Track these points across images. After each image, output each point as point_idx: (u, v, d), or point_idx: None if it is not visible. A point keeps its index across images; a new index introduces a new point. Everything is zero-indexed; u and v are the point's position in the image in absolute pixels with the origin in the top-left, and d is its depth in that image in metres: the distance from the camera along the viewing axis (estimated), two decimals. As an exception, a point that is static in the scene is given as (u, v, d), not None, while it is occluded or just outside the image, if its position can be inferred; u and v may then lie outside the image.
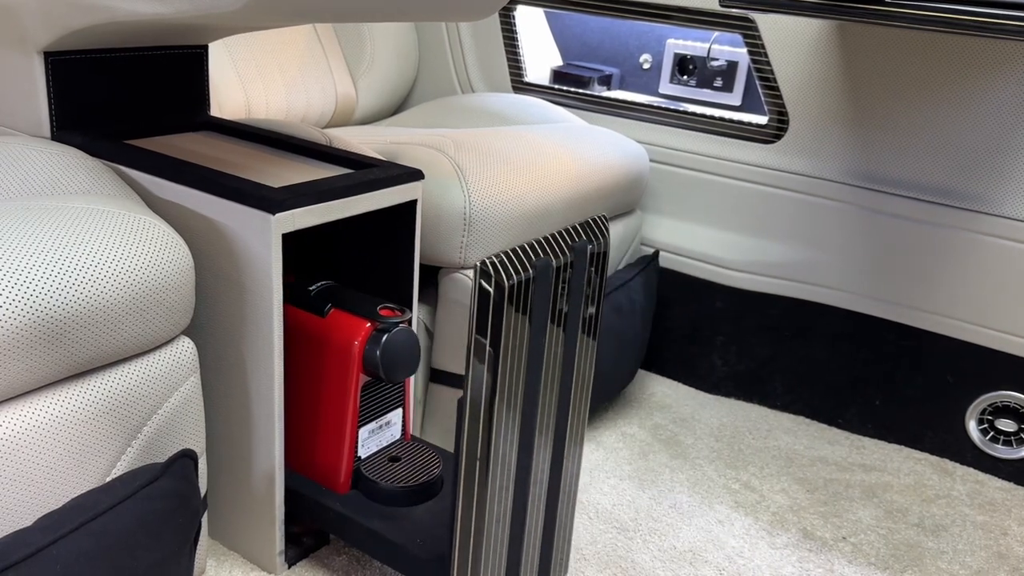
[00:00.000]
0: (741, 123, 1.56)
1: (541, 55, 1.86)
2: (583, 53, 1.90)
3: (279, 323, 0.95)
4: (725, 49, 1.72)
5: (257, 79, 1.55)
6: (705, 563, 1.15)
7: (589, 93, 1.73)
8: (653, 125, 1.64)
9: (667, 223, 1.65)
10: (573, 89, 1.75)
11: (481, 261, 0.77)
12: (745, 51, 1.64)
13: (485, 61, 1.83)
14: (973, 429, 1.45)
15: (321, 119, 1.68)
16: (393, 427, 1.10)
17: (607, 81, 1.82)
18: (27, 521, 0.80)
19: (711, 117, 1.58)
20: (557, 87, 1.77)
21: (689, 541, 1.20)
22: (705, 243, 1.60)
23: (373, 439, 1.07)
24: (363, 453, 1.06)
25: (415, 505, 1.02)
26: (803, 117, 1.49)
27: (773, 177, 1.53)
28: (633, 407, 1.56)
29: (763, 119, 1.55)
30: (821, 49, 1.45)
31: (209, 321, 1.01)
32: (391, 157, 1.27)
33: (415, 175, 1.07)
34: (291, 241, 1.17)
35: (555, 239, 0.85)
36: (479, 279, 0.77)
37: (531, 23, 1.85)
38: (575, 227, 0.88)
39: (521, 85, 1.81)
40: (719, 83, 1.73)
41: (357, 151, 1.18)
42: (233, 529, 1.08)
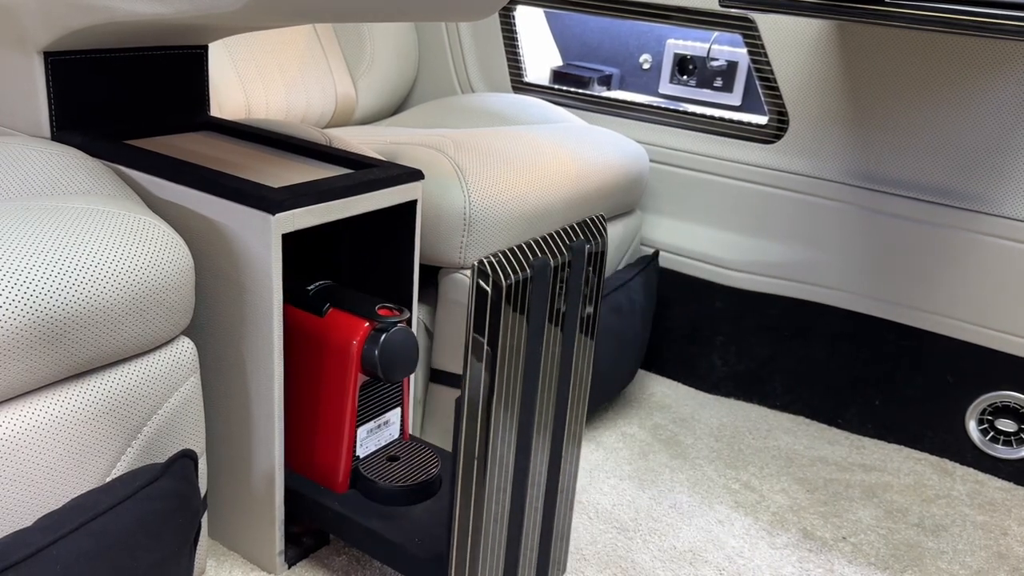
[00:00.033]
0: (741, 123, 1.56)
1: (541, 55, 1.86)
2: (583, 53, 1.90)
3: (279, 323, 0.95)
4: (725, 49, 1.72)
5: (257, 79, 1.55)
6: (705, 563, 1.15)
7: (589, 93, 1.73)
8: (653, 125, 1.64)
9: (667, 223, 1.65)
10: (573, 89, 1.75)
11: (479, 260, 0.77)
12: (745, 51, 1.64)
13: (485, 61, 1.83)
14: (973, 429, 1.45)
15: (321, 119, 1.68)
16: (391, 427, 1.10)
17: (607, 81, 1.82)
18: (27, 521, 0.80)
19: (711, 117, 1.58)
20: (557, 87, 1.77)
21: (689, 541, 1.20)
22: (705, 243, 1.60)
23: (371, 438, 1.07)
24: (361, 453, 1.06)
25: (413, 504, 1.02)
26: (803, 117, 1.49)
27: (773, 177, 1.53)
28: (633, 407, 1.56)
29: (763, 119, 1.55)
30: (821, 49, 1.45)
31: (209, 321, 1.01)
32: (391, 157, 1.27)
33: (415, 175, 1.07)
34: (291, 241, 1.17)
35: (553, 239, 0.85)
36: (477, 278, 0.78)
37: (531, 23, 1.85)
38: (573, 227, 0.88)
39: (521, 85, 1.81)
40: (719, 83, 1.73)
41: (357, 151, 1.18)
42: (233, 529, 1.08)
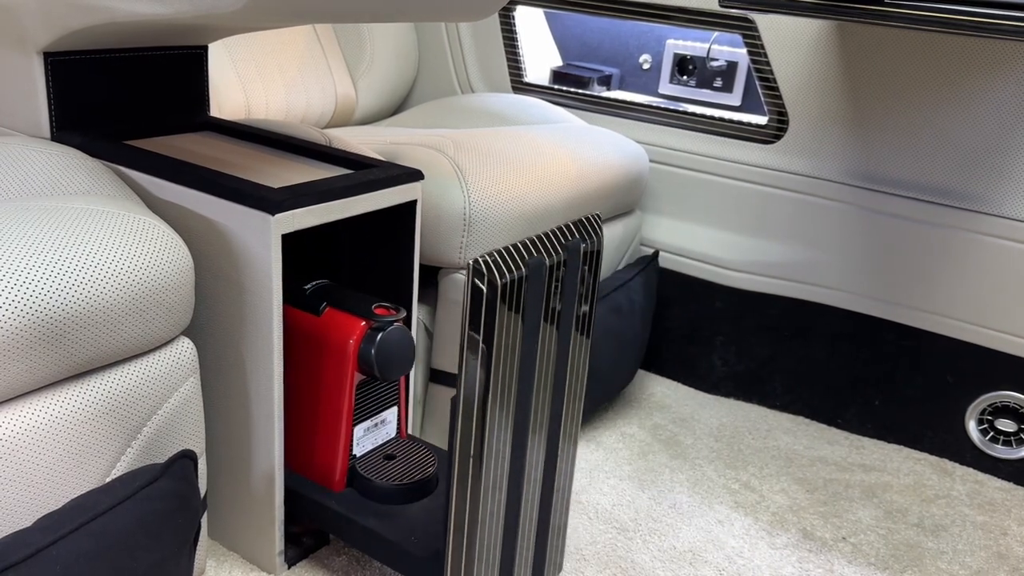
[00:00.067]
0: (741, 123, 1.56)
1: (541, 55, 1.86)
2: (583, 53, 1.90)
3: (279, 323, 0.95)
4: (725, 49, 1.72)
5: (257, 79, 1.55)
6: (705, 563, 1.15)
7: (589, 93, 1.73)
8: (653, 125, 1.64)
9: (667, 223, 1.65)
10: (573, 89, 1.76)
11: (474, 259, 0.77)
12: (745, 51, 1.64)
13: (485, 61, 1.83)
14: (973, 429, 1.45)
15: (321, 119, 1.69)
16: (388, 425, 1.10)
17: (607, 81, 1.82)
18: (27, 521, 0.80)
19: (711, 117, 1.58)
20: (557, 87, 1.77)
21: (689, 541, 1.20)
22: (705, 243, 1.60)
23: (368, 437, 1.07)
24: (358, 451, 1.06)
25: (410, 503, 1.02)
26: (803, 117, 1.49)
27: (773, 177, 1.53)
28: (633, 407, 1.56)
29: (763, 119, 1.55)
30: (821, 49, 1.45)
31: (209, 321, 1.01)
32: (391, 157, 1.27)
33: (415, 175, 1.08)
34: (290, 241, 1.17)
35: (549, 237, 0.85)
36: (472, 277, 0.78)
37: (531, 23, 1.85)
38: (569, 225, 0.88)
39: (521, 85, 1.81)
40: (719, 83, 1.73)
41: (357, 151, 1.18)
42: (233, 529, 1.08)
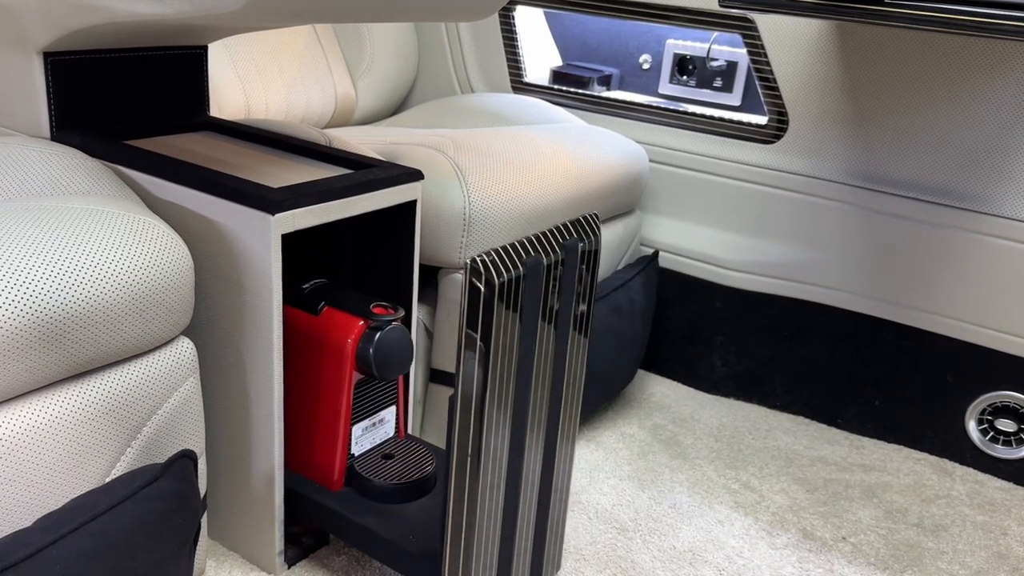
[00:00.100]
0: (741, 123, 1.56)
1: (541, 55, 1.86)
2: (583, 53, 1.90)
3: (279, 323, 0.95)
4: (725, 49, 1.72)
5: (257, 79, 1.55)
6: (705, 563, 1.15)
7: (588, 93, 1.73)
8: (652, 125, 1.64)
9: (666, 223, 1.65)
10: (572, 89, 1.75)
11: (472, 258, 0.77)
12: (745, 51, 1.64)
13: (485, 61, 1.83)
14: (973, 429, 1.45)
15: (321, 119, 1.68)
16: (387, 424, 1.10)
17: (607, 81, 1.82)
18: (27, 521, 0.80)
19: (711, 117, 1.58)
20: (557, 87, 1.77)
21: (689, 541, 1.20)
22: (704, 243, 1.60)
23: (367, 436, 1.07)
24: (356, 450, 1.06)
25: (408, 502, 1.02)
26: (803, 117, 1.49)
27: (773, 177, 1.54)
28: (633, 407, 1.56)
29: (763, 119, 1.55)
30: (821, 49, 1.45)
31: (209, 321, 1.01)
32: (391, 157, 1.27)
33: (415, 175, 1.08)
34: (290, 241, 1.17)
35: (547, 237, 0.85)
36: (470, 276, 0.78)
37: (531, 23, 1.85)
38: (567, 225, 0.88)
39: (521, 85, 1.81)
40: (719, 83, 1.73)
41: (357, 151, 1.18)
42: (233, 529, 1.08)
